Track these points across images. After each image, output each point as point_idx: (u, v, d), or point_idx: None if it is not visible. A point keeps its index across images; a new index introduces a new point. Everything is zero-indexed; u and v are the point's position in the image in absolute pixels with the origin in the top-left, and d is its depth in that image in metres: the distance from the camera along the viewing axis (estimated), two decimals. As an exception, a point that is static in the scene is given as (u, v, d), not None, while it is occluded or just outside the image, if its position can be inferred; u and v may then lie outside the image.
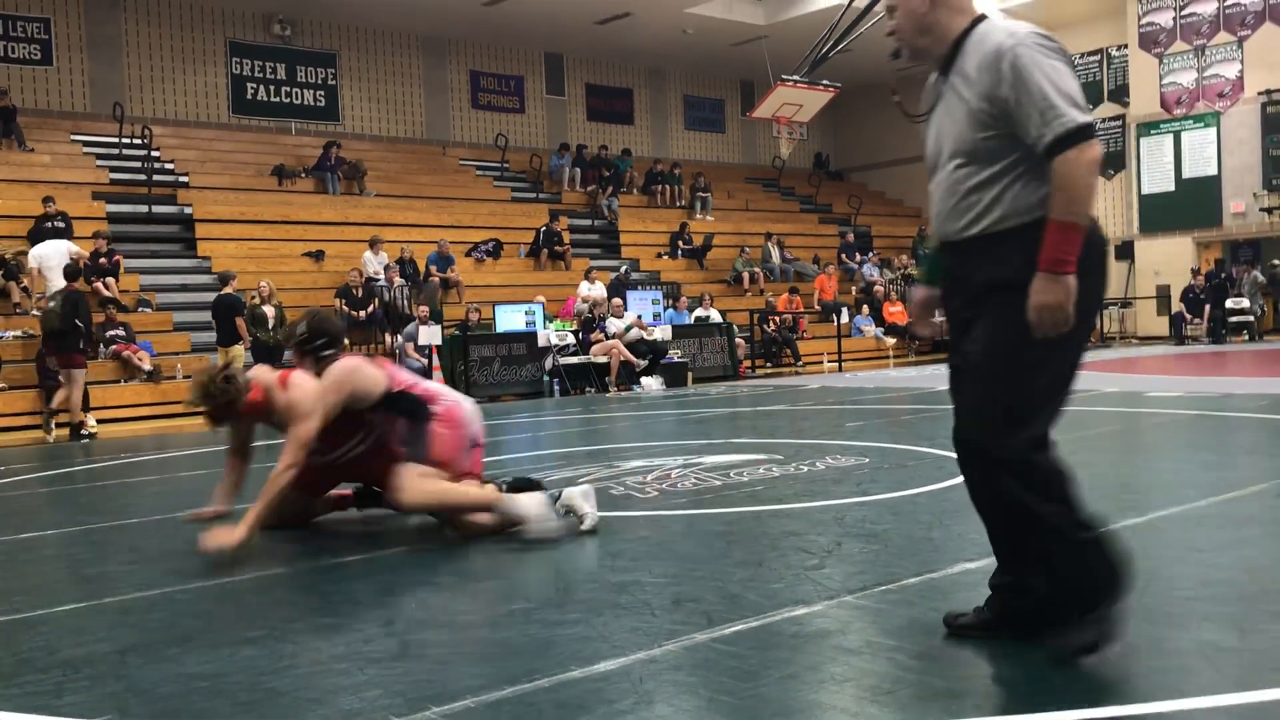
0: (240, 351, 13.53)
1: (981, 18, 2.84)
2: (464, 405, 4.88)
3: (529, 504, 4.51)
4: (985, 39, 2.76)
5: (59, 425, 11.60)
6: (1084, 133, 2.59)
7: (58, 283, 12.74)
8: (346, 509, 5.26)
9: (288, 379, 4.74)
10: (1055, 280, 2.60)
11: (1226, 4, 23.01)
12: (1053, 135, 2.59)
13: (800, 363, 19.06)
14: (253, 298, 14.81)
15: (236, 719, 2.58)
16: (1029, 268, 2.63)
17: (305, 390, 4.65)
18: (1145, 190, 24.34)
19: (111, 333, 13.79)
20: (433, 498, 4.59)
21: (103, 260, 14.74)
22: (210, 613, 3.64)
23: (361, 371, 4.76)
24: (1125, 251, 24.86)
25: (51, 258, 13.18)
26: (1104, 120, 25.56)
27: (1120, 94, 25.16)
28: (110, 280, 14.61)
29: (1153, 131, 24.19)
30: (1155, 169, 24.18)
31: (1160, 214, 24.10)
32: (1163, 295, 23.83)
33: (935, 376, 15.03)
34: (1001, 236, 2.71)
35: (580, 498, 4.63)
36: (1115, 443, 7.18)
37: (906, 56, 2.95)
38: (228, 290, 13.82)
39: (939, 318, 3.28)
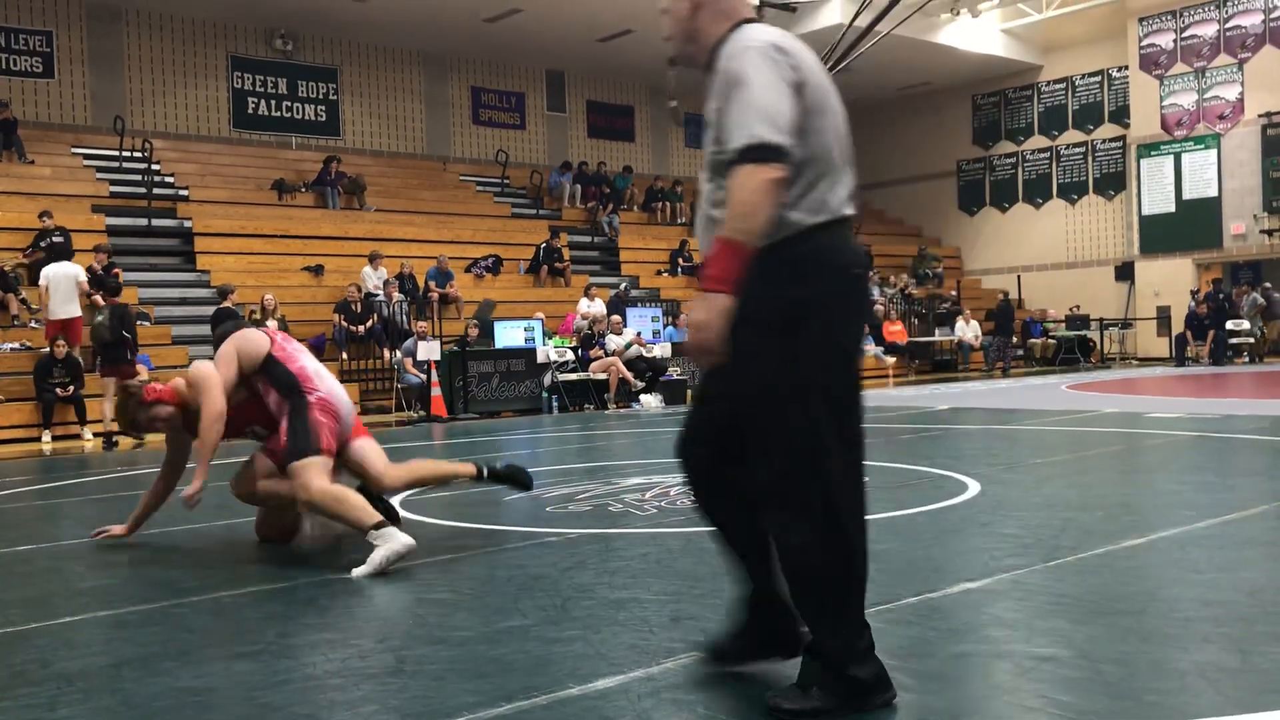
0: None
1: (742, 23, 2.66)
2: (341, 398, 4.92)
3: (393, 541, 4.36)
4: (728, 46, 2.60)
5: (96, 434, 12.19)
6: (764, 152, 2.41)
7: (61, 306, 12.92)
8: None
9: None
10: (706, 299, 2.42)
11: (1227, 27, 23.12)
12: (736, 149, 2.45)
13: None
14: (252, 312, 14.81)
15: (230, 734, 2.56)
16: (753, 294, 2.45)
17: (201, 367, 4.95)
18: (1145, 211, 24.39)
19: (110, 345, 13.76)
20: (329, 503, 4.55)
21: (100, 270, 14.74)
22: (205, 627, 3.62)
23: (245, 336, 5.00)
24: (1125, 272, 24.90)
25: (60, 281, 13.26)
26: (1104, 141, 25.65)
27: (1121, 115, 25.24)
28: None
29: (1153, 153, 24.25)
30: (1155, 190, 24.24)
31: (1160, 235, 24.15)
32: (1163, 316, 23.86)
33: (935, 396, 15.01)
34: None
35: (385, 539, 4.37)
36: (1115, 463, 7.16)
37: (682, 63, 2.86)
38: (226, 304, 13.83)
39: None
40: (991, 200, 27.85)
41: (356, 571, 4.26)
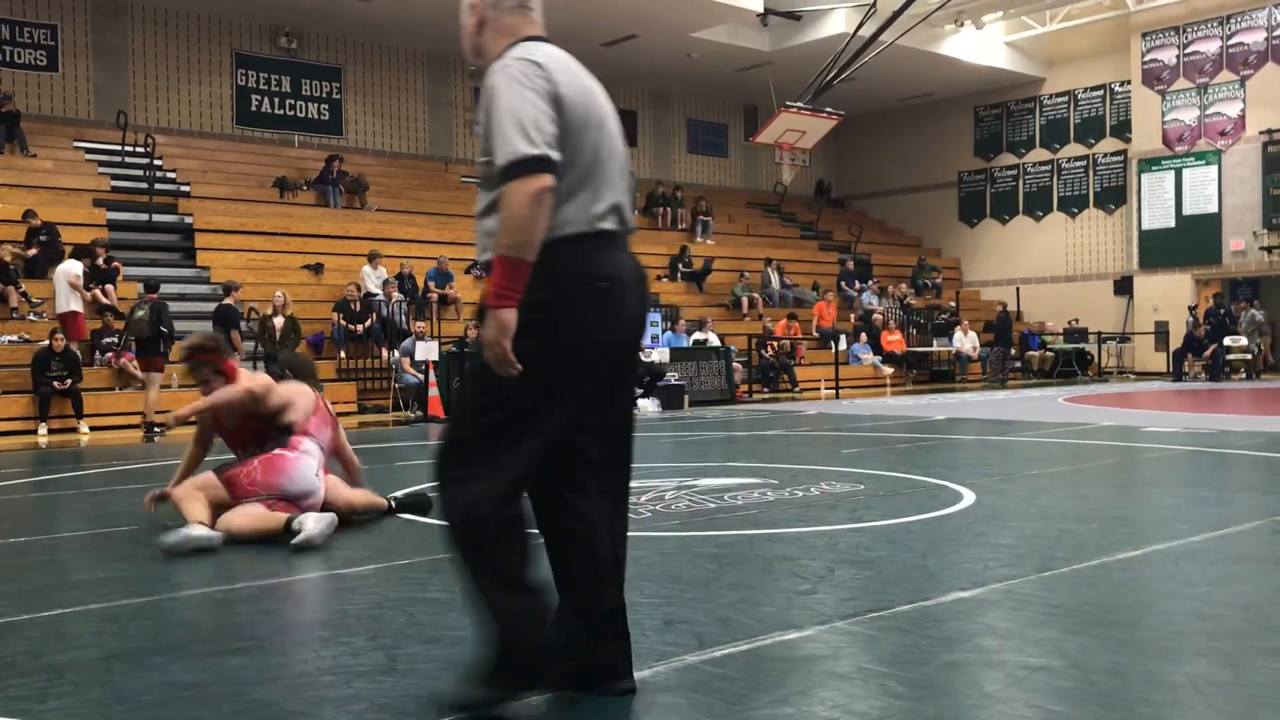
0: None
1: (520, 41, 2.71)
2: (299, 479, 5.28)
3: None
4: (496, 63, 2.66)
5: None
6: (527, 164, 2.45)
7: (62, 302, 13.37)
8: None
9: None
10: (492, 315, 2.44)
11: (1229, 44, 23.16)
12: (500, 164, 2.49)
13: (797, 389, 19.05)
14: (252, 310, 14.81)
15: (220, 729, 2.56)
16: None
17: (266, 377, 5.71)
18: (1145, 226, 24.42)
19: (107, 340, 13.76)
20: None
21: (100, 264, 14.75)
22: (197, 622, 3.61)
23: (306, 393, 5.61)
24: (1124, 287, 24.92)
25: (59, 278, 13.47)
26: (1106, 155, 25.68)
27: (1122, 129, 25.28)
28: (109, 287, 14.60)
29: (1154, 168, 24.29)
30: (1156, 205, 24.27)
31: (1160, 250, 24.18)
32: (1161, 331, 23.88)
33: (932, 406, 15.02)
34: (490, 267, 2.54)
35: (312, 521, 4.90)
36: (1111, 476, 7.16)
37: (476, 76, 3.00)
38: (228, 301, 13.82)
39: None
40: (992, 212, 27.88)
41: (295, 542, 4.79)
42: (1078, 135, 26.22)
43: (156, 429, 11.92)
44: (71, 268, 13.58)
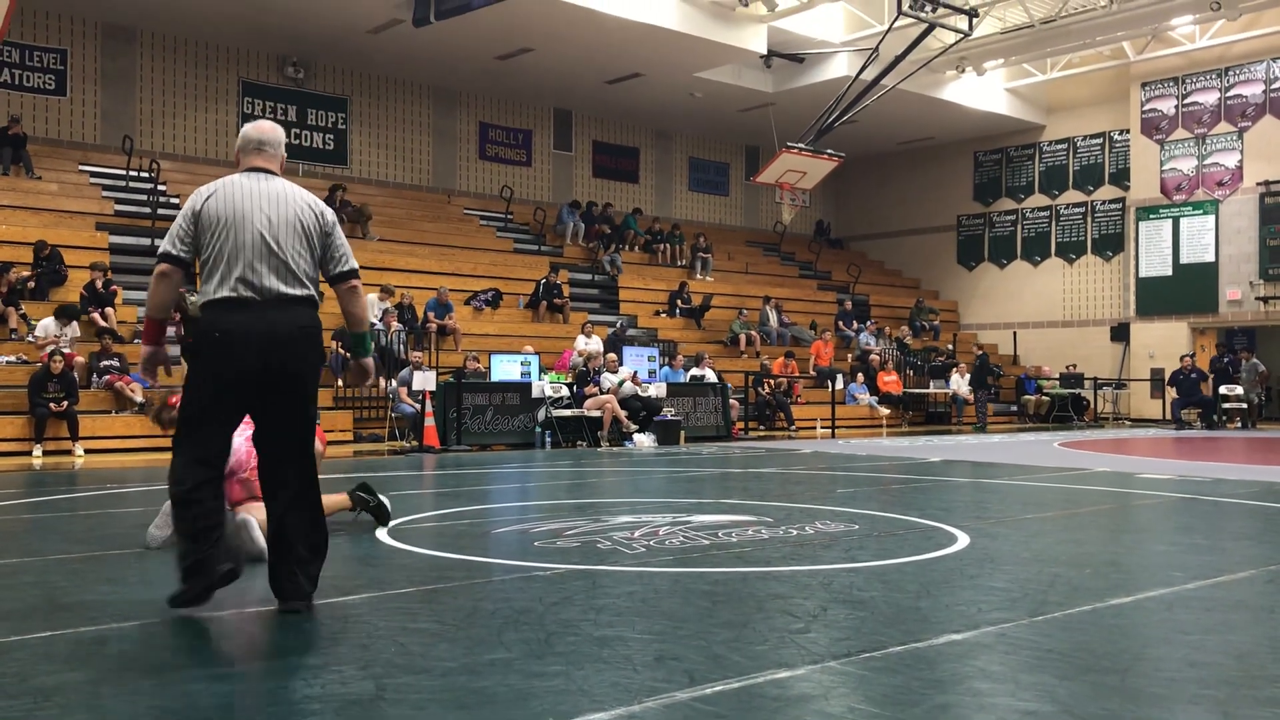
0: None
1: (236, 173, 4.27)
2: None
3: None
4: None
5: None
6: (160, 256, 4.04)
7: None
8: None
9: None
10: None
11: (1228, 95, 23.38)
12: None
13: (793, 427, 19.05)
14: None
15: (207, 755, 2.54)
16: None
17: None
18: (1143, 274, 24.54)
19: (105, 363, 13.77)
20: None
21: (99, 288, 14.78)
22: (187, 646, 3.60)
23: None
24: (1121, 333, 25.00)
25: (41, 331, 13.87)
26: (1104, 203, 25.85)
27: (1121, 178, 25.46)
28: (108, 310, 14.62)
29: (1152, 216, 24.44)
30: (1153, 253, 24.40)
31: (1157, 298, 24.28)
32: (1157, 378, 23.92)
33: (928, 447, 15.01)
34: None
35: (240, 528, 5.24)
36: (1105, 522, 7.16)
37: None
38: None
39: None
40: (990, 256, 28.01)
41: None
42: (1076, 182, 26.39)
43: None
44: (50, 327, 13.74)
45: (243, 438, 5.73)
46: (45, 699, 2.98)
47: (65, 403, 12.49)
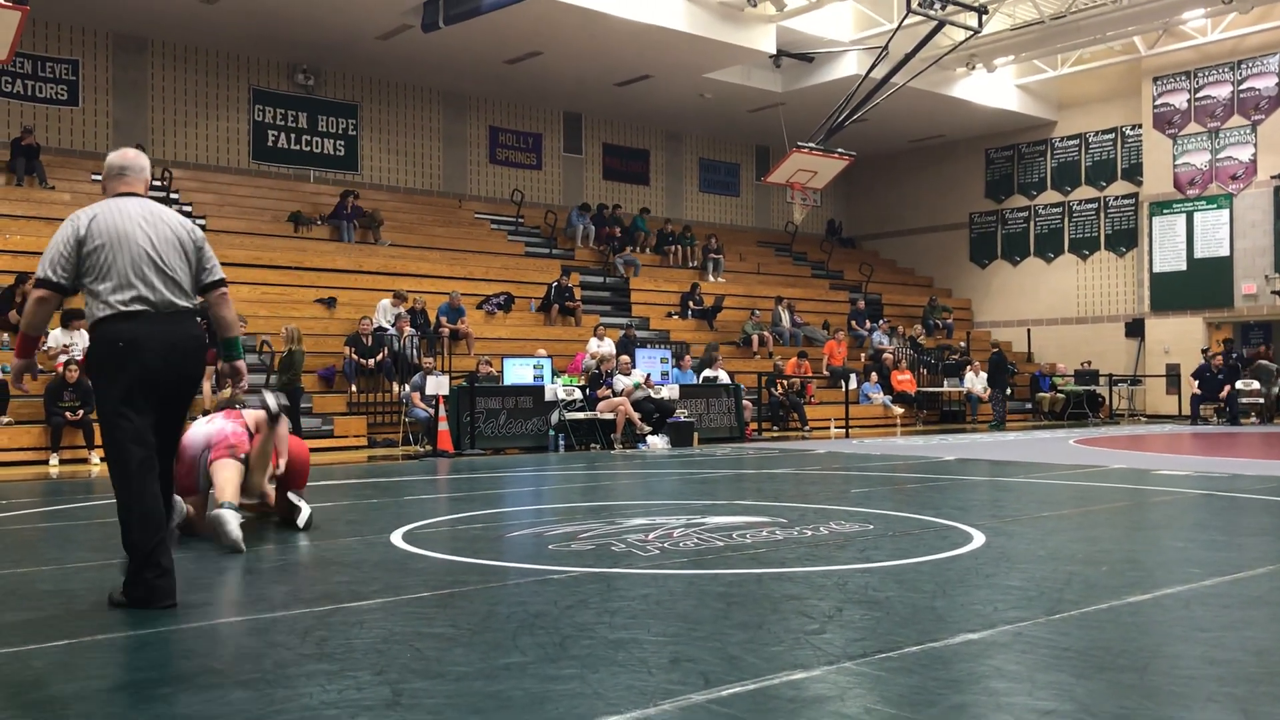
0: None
1: (107, 199, 4.63)
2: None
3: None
4: None
5: None
6: (38, 281, 4.37)
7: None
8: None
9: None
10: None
11: (1240, 89, 23.25)
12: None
13: (807, 427, 19.01)
14: (264, 343, 14.84)
15: (224, 762, 2.55)
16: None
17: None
18: (1157, 269, 24.42)
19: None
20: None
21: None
22: (203, 654, 3.61)
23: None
24: (1136, 329, 24.88)
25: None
26: (1117, 198, 25.73)
27: (1134, 173, 25.35)
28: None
29: (1165, 211, 24.32)
30: (1167, 248, 24.28)
31: (1171, 293, 24.16)
32: (1172, 374, 23.80)
33: (942, 446, 14.97)
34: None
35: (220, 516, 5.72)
36: (1122, 519, 7.12)
37: None
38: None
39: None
40: (1003, 253, 27.91)
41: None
42: (1089, 178, 26.28)
43: None
44: (58, 336, 13.80)
45: (230, 423, 6.35)
46: (64, 707, 2.99)
47: (81, 411, 12.54)
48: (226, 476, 5.99)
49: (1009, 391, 22.28)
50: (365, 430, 15.26)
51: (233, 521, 5.68)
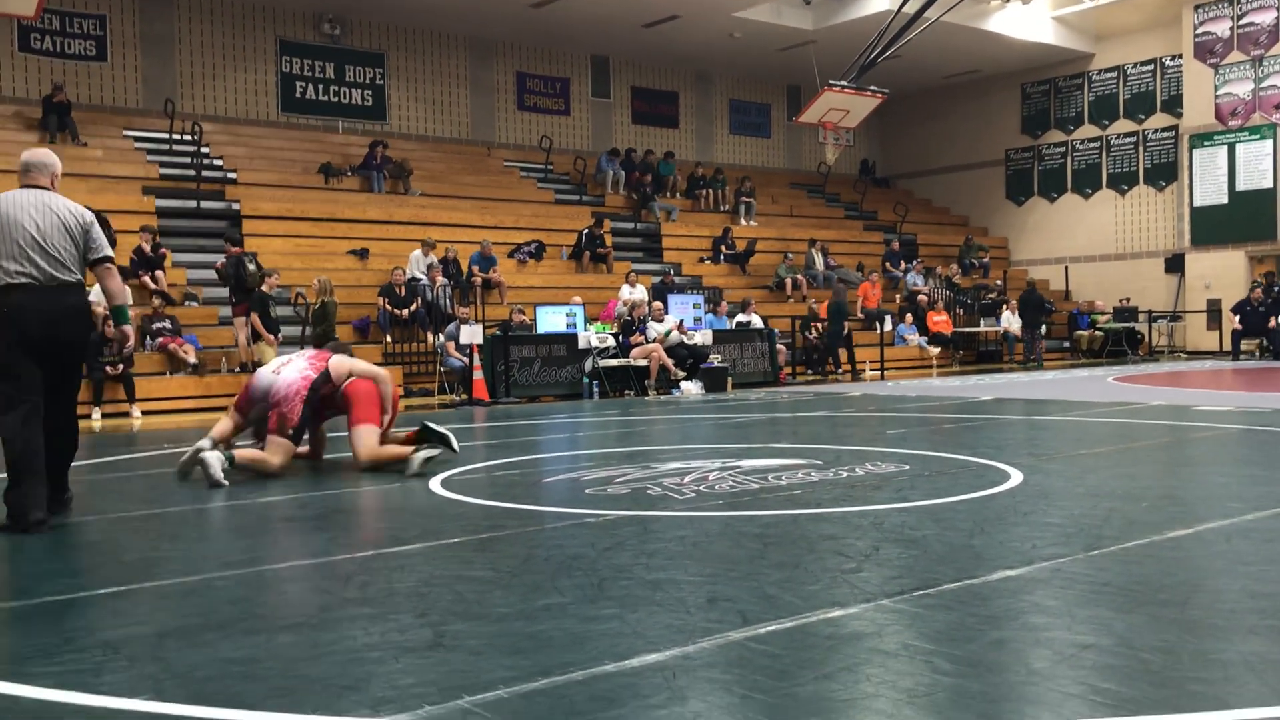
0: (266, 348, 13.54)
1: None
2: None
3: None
4: None
5: None
6: None
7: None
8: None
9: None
10: None
11: (1284, 14, 22.63)
12: None
13: (841, 370, 18.94)
14: (299, 295, 14.94)
15: (271, 703, 2.60)
16: None
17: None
18: (1197, 203, 23.98)
19: (158, 325, 13.97)
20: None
21: (148, 250, 14.97)
22: (247, 599, 3.67)
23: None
24: (1175, 264, 24.51)
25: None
26: (1156, 131, 25.23)
27: (1173, 104, 24.81)
28: (159, 274, 14.81)
29: (1206, 143, 23.82)
30: (1208, 181, 23.81)
31: (1212, 227, 23.73)
32: (1213, 309, 23.46)
33: (979, 386, 14.88)
34: None
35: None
36: (1162, 455, 7.06)
37: None
38: (263, 288, 13.86)
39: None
40: (1040, 190, 27.50)
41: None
42: (1127, 111, 25.77)
43: None
44: (98, 293, 13.84)
45: (298, 373, 6.72)
46: (114, 651, 3.05)
47: (121, 366, 12.69)
48: (272, 445, 6.67)
49: (1043, 330, 22.04)
50: (401, 380, 15.36)
51: (215, 467, 6.39)
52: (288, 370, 6.78)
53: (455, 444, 7.06)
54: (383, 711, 2.50)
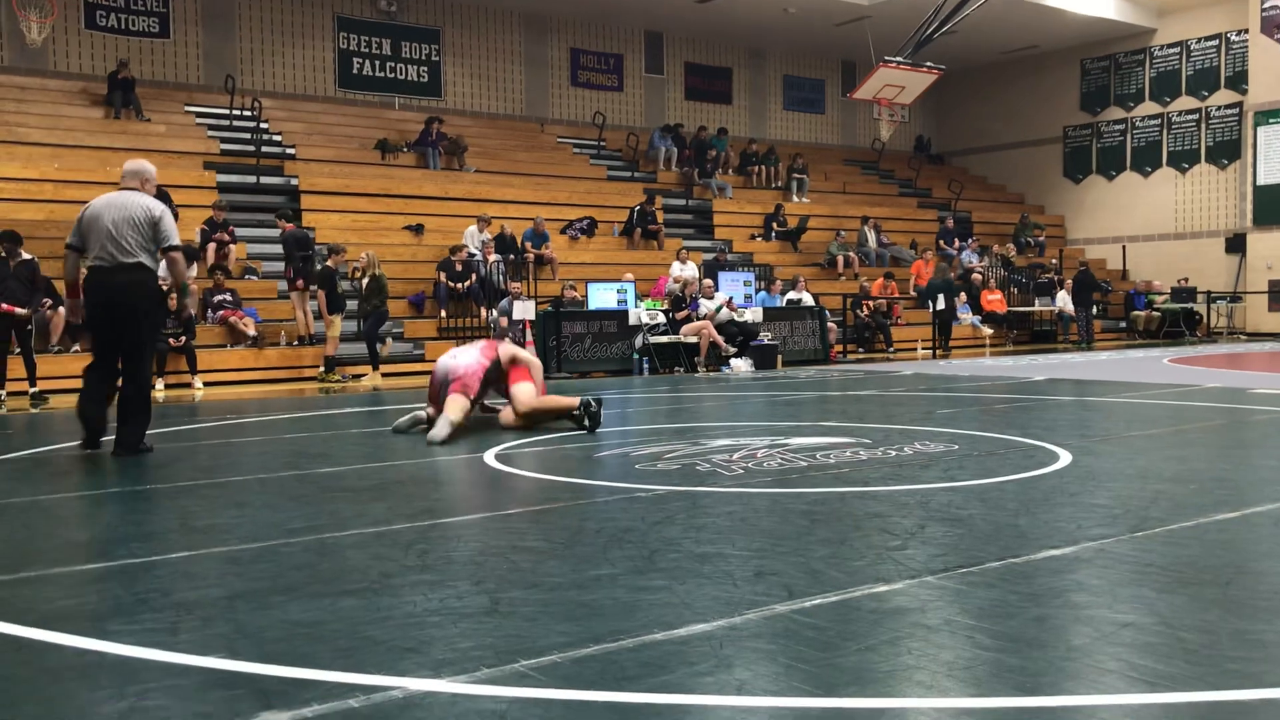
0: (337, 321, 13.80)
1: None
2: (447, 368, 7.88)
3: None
4: None
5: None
6: (67, 245, 6.89)
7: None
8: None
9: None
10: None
11: (1356, -12, 22.06)
12: None
13: (893, 349, 18.89)
14: (355, 269, 15.16)
15: (337, 663, 2.73)
16: None
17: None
18: (1261, 181, 23.52)
19: (218, 298, 14.28)
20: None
21: (220, 233, 15.31)
22: (312, 565, 3.82)
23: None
24: (1236, 245, 24.09)
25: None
26: (1219, 108, 24.74)
27: (1238, 81, 24.32)
28: (229, 247, 15.17)
29: (1271, 120, 23.33)
30: (1273, 159, 23.35)
31: (1275, 206, 23.29)
32: (1275, 290, 23.05)
33: (1032, 367, 14.79)
34: None
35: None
36: (1214, 438, 7.03)
37: None
38: (329, 264, 14.10)
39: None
40: (1098, 168, 27.10)
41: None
42: (1190, 88, 25.29)
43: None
44: (163, 270, 14.16)
45: (475, 359, 7.84)
46: (188, 612, 3.21)
47: (183, 338, 13.00)
48: (451, 402, 7.56)
49: (1095, 310, 21.80)
50: (454, 354, 15.55)
51: (441, 426, 7.23)
52: (464, 356, 7.92)
53: (592, 426, 7.70)
54: (443, 673, 2.63)
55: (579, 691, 2.49)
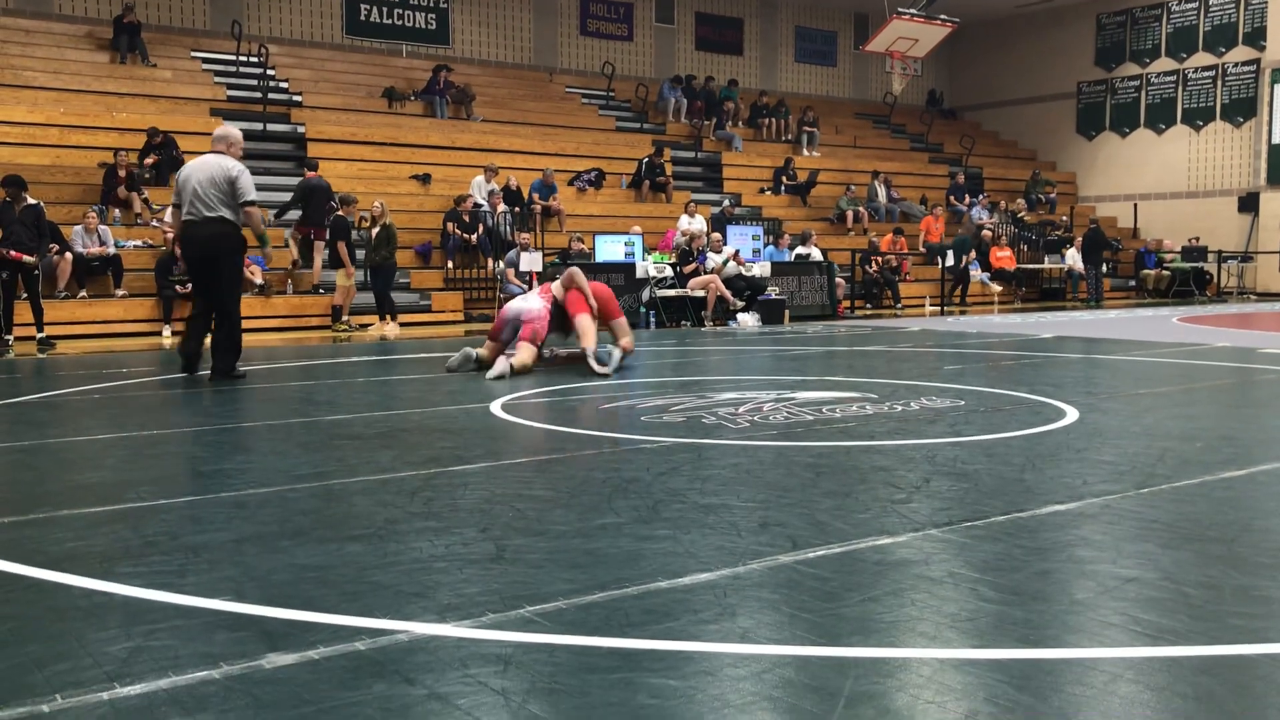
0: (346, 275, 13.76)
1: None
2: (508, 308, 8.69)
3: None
4: None
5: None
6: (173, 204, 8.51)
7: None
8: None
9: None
10: None
11: (1379, -57, 21.70)
12: None
13: (900, 305, 18.83)
14: (363, 219, 15.10)
15: (343, 607, 2.75)
16: None
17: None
18: (1276, 140, 23.32)
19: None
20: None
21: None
22: (319, 510, 3.83)
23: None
24: (1249, 204, 23.91)
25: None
26: (1236, 64, 24.46)
27: (1256, 37, 24.01)
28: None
29: (1288, 78, 23.07)
30: (1288, 118, 23.10)
31: (1290, 165, 23.07)
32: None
33: (1040, 324, 14.75)
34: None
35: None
36: (1222, 397, 7.01)
37: None
38: (341, 214, 14.03)
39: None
40: (1111, 124, 26.85)
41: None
42: (1207, 44, 24.98)
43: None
44: (168, 214, 14.06)
45: (539, 303, 8.47)
46: (195, 555, 3.23)
47: (189, 285, 12.96)
48: (522, 349, 8.18)
49: (1105, 268, 21.68)
50: (461, 306, 15.56)
51: (500, 365, 7.93)
52: (530, 301, 8.63)
53: (600, 370, 8.14)
54: (449, 618, 2.64)
55: (583, 637, 2.51)
